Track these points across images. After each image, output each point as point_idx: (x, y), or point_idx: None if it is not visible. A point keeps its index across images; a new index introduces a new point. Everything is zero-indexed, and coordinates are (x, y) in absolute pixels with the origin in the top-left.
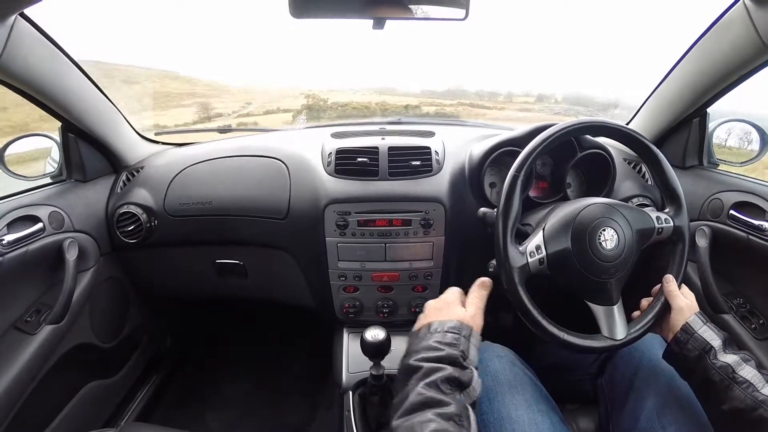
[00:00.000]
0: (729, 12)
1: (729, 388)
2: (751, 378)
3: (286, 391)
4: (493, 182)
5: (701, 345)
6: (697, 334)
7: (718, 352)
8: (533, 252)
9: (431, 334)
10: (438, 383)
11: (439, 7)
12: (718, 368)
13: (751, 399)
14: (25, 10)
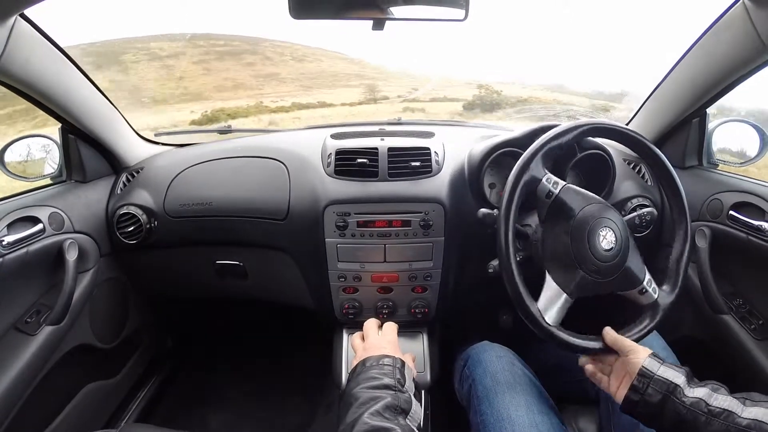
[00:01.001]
0: (729, 12)
1: (707, 424)
2: (728, 406)
3: (286, 391)
4: (493, 183)
5: (664, 386)
6: (657, 375)
7: (684, 389)
8: (551, 181)
9: (368, 369)
10: (380, 411)
11: (439, 7)
12: (690, 405)
13: (734, 427)
14: (25, 10)
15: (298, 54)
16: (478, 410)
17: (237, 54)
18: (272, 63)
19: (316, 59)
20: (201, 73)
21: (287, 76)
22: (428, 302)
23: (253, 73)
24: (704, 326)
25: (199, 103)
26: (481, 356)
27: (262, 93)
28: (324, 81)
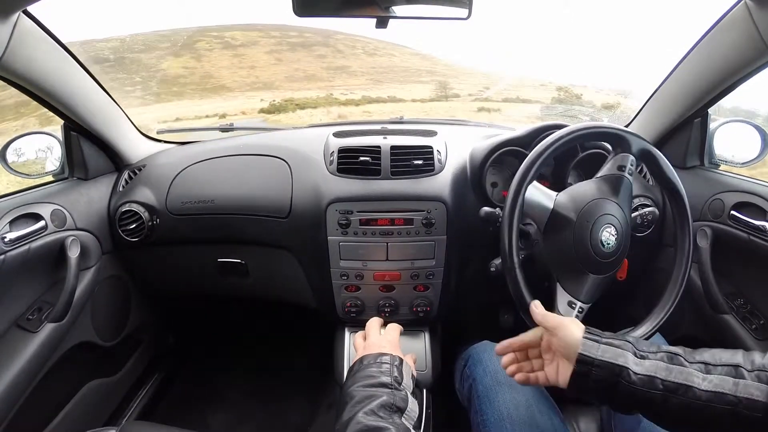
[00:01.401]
0: (731, 12)
1: (665, 401)
2: (684, 379)
3: (287, 390)
4: (495, 182)
5: (609, 371)
6: (598, 360)
7: (631, 368)
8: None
9: (365, 367)
10: (375, 410)
11: (442, 6)
12: (642, 385)
13: (697, 404)
14: (28, 7)
15: (369, 48)
16: (479, 409)
17: (309, 46)
18: (343, 56)
19: (388, 54)
20: (272, 63)
21: (358, 69)
22: (430, 301)
23: (324, 65)
24: (705, 326)
25: (269, 92)
26: (481, 356)
27: (332, 85)
28: (395, 76)
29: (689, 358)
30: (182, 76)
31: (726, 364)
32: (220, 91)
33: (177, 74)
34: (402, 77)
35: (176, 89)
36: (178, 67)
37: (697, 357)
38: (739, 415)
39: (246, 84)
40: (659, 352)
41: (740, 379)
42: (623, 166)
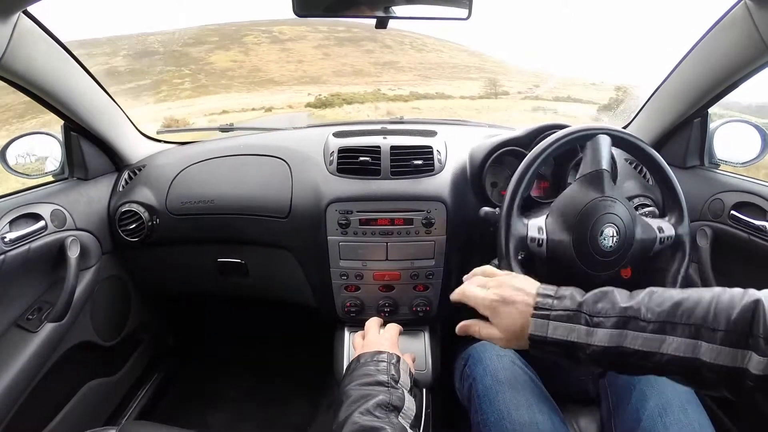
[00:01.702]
0: (731, 12)
1: (624, 366)
2: (641, 345)
3: (287, 389)
4: (495, 182)
5: (563, 347)
6: (549, 338)
7: (585, 340)
8: (534, 229)
9: (362, 365)
10: (371, 410)
11: (442, 6)
12: (596, 358)
13: (657, 364)
14: (28, 7)
15: (417, 43)
16: (479, 409)
17: (357, 41)
18: (391, 51)
19: (436, 50)
20: (320, 57)
21: (406, 65)
22: (430, 301)
23: (372, 60)
24: None
25: (316, 86)
26: (481, 355)
27: (379, 81)
28: (443, 72)
29: (649, 315)
30: (230, 70)
31: (687, 323)
32: (267, 84)
33: (225, 67)
34: (450, 73)
35: (224, 82)
36: (226, 61)
37: (657, 311)
38: (699, 375)
39: (293, 78)
40: (611, 318)
41: (702, 341)
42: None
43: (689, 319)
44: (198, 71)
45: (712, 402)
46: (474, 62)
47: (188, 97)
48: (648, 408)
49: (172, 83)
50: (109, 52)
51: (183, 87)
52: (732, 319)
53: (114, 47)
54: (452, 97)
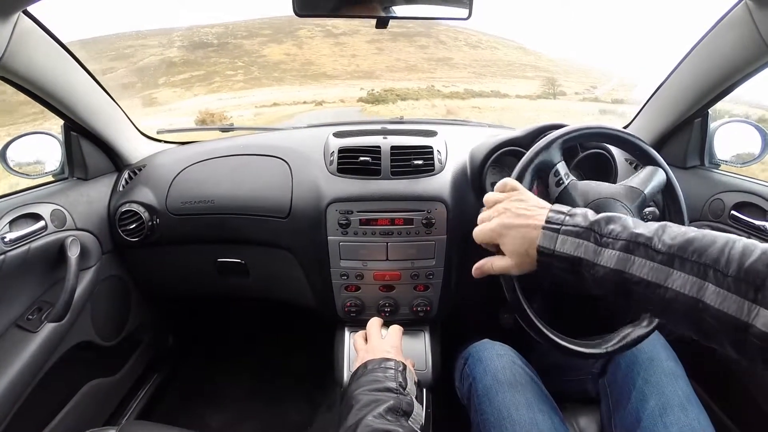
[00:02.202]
0: (731, 12)
1: (629, 293)
2: (646, 274)
3: (287, 389)
4: (495, 182)
5: (569, 263)
6: (557, 252)
7: (592, 258)
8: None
9: (370, 372)
10: (383, 414)
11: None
12: (601, 278)
13: (659, 298)
14: (28, 7)
15: (472, 40)
16: (479, 409)
17: (410, 36)
18: (445, 47)
19: (491, 47)
20: (373, 52)
21: (460, 61)
22: (430, 301)
23: (426, 56)
24: None
25: (369, 81)
26: (481, 354)
27: (433, 77)
28: (497, 70)
29: (659, 245)
30: (283, 62)
31: (697, 261)
32: (320, 78)
33: (278, 60)
34: (505, 71)
35: (277, 75)
36: (279, 54)
37: (668, 243)
38: (703, 321)
39: (346, 72)
40: (620, 240)
41: (709, 283)
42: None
43: (700, 257)
44: (251, 63)
45: (712, 402)
46: (529, 60)
47: (241, 89)
48: (648, 408)
49: (225, 75)
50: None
51: (236, 79)
52: (744, 267)
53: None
54: (508, 95)
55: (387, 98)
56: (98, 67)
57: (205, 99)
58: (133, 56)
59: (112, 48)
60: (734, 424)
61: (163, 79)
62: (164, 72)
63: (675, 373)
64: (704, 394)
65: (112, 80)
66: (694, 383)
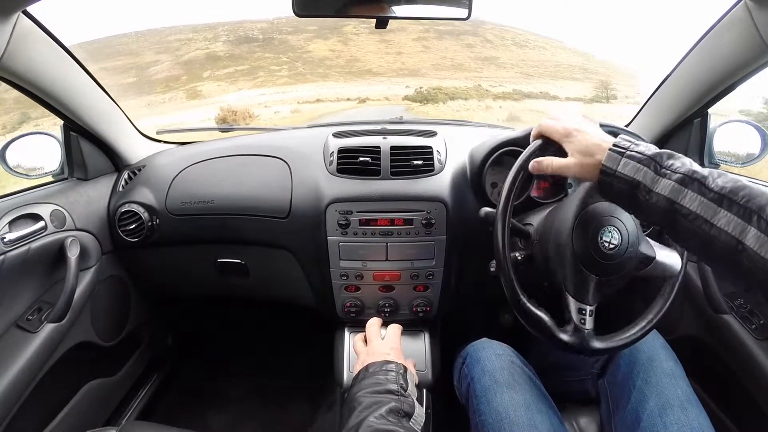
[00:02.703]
0: (731, 12)
1: (675, 222)
2: (696, 208)
3: (287, 390)
4: (495, 182)
5: (628, 184)
6: (618, 172)
7: (649, 184)
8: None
9: (371, 374)
10: (384, 415)
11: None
12: (654, 204)
13: (704, 233)
14: (28, 8)
15: (519, 39)
16: (477, 410)
17: (457, 34)
18: (492, 46)
19: (539, 47)
20: (419, 50)
21: (507, 61)
22: (430, 301)
23: (472, 54)
24: (705, 326)
25: (415, 79)
26: (479, 354)
27: (480, 76)
28: (545, 70)
29: (712, 185)
30: (328, 59)
31: (744, 205)
32: (364, 75)
33: (323, 56)
34: (553, 72)
35: (321, 71)
36: (325, 50)
37: (720, 185)
38: (740, 264)
39: (391, 70)
40: (678, 174)
41: (751, 227)
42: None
43: (748, 202)
44: (296, 59)
45: (712, 402)
46: (578, 62)
47: (285, 84)
48: (647, 408)
49: (270, 70)
50: (210, 37)
51: (280, 74)
52: None
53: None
54: (558, 98)
55: (436, 97)
56: (145, 59)
57: (248, 93)
58: (180, 49)
59: (160, 41)
60: (734, 424)
61: (207, 72)
62: (209, 66)
63: (675, 373)
64: (704, 394)
65: (158, 73)
66: (694, 383)
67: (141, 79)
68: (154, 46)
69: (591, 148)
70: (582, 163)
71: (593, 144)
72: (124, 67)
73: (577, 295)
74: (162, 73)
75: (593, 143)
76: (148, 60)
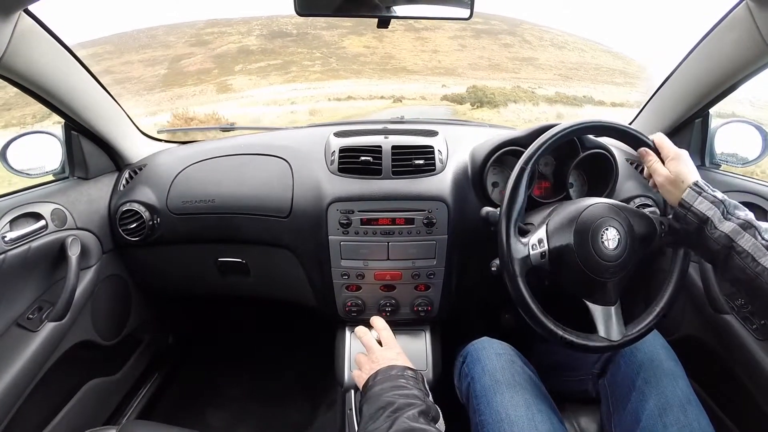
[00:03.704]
0: (732, 13)
1: (729, 258)
2: (749, 248)
3: (288, 389)
4: (496, 182)
5: (699, 218)
6: (694, 207)
7: (716, 222)
8: (535, 245)
9: (395, 377)
10: (417, 415)
11: (443, 6)
12: (716, 239)
13: (750, 270)
14: (29, 6)
15: (558, 41)
16: (477, 409)
17: (494, 34)
18: (530, 47)
19: (578, 48)
20: (455, 48)
21: (545, 62)
22: (431, 300)
23: (510, 55)
24: (706, 326)
25: (451, 77)
26: (479, 353)
27: (518, 77)
28: (585, 74)
29: (764, 233)
30: (362, 55)
31: None
32: (399, 72)
33: (358, 53)
34: (593, 76)
35: (355, 67)
36: (359, 46)
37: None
38: None
39: (427, 68)
40: (740, 220)
41: None
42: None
43: None
44: (329, 55)
45: (712, 402)
46: (618, 65)
47: (317, 80)
48: (648, 408)
49: (303, 65)
50: (243, 31)
51: (313, 69)
52: None
53: (248, 27)
54: (604, 103)
55: (494, 99)
56: (177, 52)
57: (279, 88)
58: (212, 43)
59: (193, 33)
60: (734, 424)
61: (239, 66)
62: (241, 59)
63: (675, 373)
64: (704, 394)
65: (190, 65)
66: (694, 383)
67: (172, 71)
68: (188, 39)
69: (682, 177)
70: (673, 181)
71: (686, 174)
72: (154, 60)
73: (599, 301)
74: (195, 65)
75: (686, 173)
76: (182, 52)
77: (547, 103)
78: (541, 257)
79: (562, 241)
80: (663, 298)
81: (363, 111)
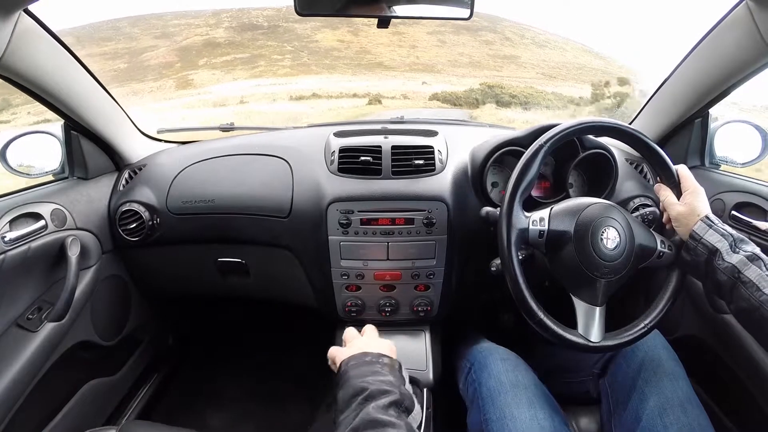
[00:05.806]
0: (732, 13)
1: (735, 288)
2: (755, 278)
3: (287, 390)
4: (496, 182)
5: (708, 249)
6: (704, 239)
7: (724, 253)
8: (536, 221)
9: (371, 363)
10: (386, 405)
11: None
12: (724, 269)
13: (755, 299)
14: (29, 6)
15: (539, 39)
16: (482, 409)
17: (475, 30)
18: (512, 44)
19: (559, 47)
20: (434, 44)
21: (527, 61)
22: (431, 300)
23: (491, 52)
24: (706, 325)
25: (430, 74)
26: (486, 360)
27: (500, 75)
28: (568, 73)
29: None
30: (336, 49)
31: None
32: (375, 68)
33: (331, 47)
34: (576, 75)
35: (328, 62)
36: (333, 40)
37: None
38: None
39: (405, 64)
40: (747, 252)
41: None
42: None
43: None
44: (301, 49)
45: (712, 402)
46: (599, 65)
47: (285, 75)
48: (648, 408)
49: (272, 59)
50: (212, 23)
51: (282, 64)
52: None
53: (218, 19)
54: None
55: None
56: (141, 45)
57: (243, 84)
58: (178, 35)
59: (159, 26)
60: (734, 424)
61: (203, 60)
62: (207, 53)
63: (675, 373)
64: (704, 394)
65: (152, 59)
66: (694, 383)
67: (132, 65)
68: (154, 31)
69: (696, 210)
70: (687, 215)
71: (699, 208)
72: (115, 53)
73: (585, 298)
74: (156, 59)
75: (700, 207)
76: (145, 45)
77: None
78: (539, 236)
79: (563, 227)
80: (651, 314)
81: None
